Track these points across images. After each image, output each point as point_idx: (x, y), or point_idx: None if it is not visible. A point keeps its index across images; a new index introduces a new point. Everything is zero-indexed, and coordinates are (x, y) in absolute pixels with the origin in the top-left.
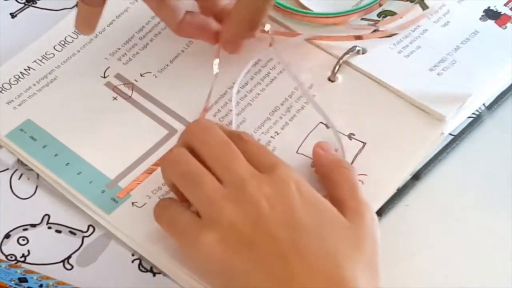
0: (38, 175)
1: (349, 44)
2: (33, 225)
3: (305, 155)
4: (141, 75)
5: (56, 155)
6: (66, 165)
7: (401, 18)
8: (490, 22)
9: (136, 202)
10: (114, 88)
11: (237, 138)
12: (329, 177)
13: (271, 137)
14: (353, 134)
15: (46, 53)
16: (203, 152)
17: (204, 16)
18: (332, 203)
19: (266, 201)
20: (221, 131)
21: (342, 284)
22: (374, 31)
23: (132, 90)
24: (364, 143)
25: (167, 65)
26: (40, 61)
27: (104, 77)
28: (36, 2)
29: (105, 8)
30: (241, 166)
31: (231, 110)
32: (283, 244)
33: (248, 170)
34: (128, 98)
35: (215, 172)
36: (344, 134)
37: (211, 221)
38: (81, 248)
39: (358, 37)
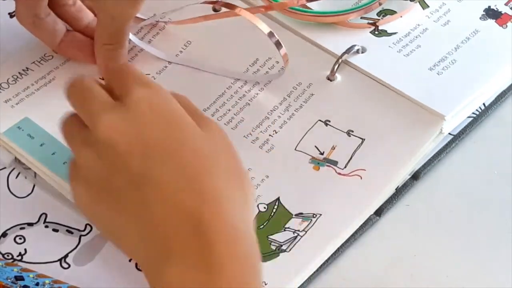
0: (35, 173)
1: (347, 43)
2: (30, 224)
3: (303, 152)
4: None
5: (53, 153)
6: (64, 163)
7: (401, 17)
8: (491, 22)
9: None
10: None
11: None
12: None
13: (270, 135)
14: (352, 131)
15: (45, 55)
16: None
17: (85, 37)
18: None
19: (119, 136)
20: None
21: (204, 195)
22: None
23: None
24: (363, 139)
25: (166, 67)
26: (39, 62)
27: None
28: None
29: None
30: (95, 103)
31: (229, 110)
32: (135, 174)
33: (101, 106)
34: None
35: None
36: (342, 131)
37: (76, 171)
38: (78, 247)
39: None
